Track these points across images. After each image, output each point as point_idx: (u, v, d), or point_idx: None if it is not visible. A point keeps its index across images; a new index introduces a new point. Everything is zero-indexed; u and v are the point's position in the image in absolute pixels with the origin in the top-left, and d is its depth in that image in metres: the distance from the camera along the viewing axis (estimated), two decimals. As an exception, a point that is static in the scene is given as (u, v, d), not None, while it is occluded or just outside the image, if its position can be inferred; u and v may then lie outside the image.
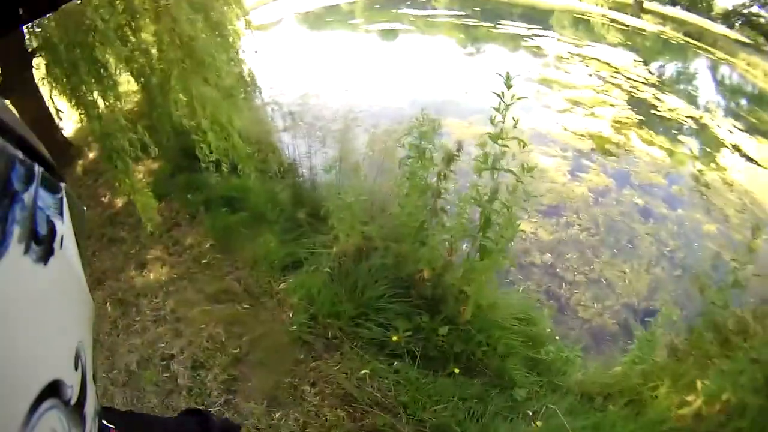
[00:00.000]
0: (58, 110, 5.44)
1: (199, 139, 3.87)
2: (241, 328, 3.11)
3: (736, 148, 9.17)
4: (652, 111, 10.08)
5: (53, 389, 0.35)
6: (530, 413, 2.54)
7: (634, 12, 20.49)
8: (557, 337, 3.59)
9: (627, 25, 18.47)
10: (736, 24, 21.05)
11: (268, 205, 4.06)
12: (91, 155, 5.83)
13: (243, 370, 2.81)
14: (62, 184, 0.44)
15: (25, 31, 4.09)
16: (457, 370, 2.61)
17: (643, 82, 11.69)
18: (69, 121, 5.81)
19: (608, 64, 12.80)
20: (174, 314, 3.38)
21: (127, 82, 5.29)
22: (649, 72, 13.02)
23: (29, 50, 4.74)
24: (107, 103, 3.68)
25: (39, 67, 5.01)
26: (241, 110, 4.81)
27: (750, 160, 8.79)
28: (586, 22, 18.95)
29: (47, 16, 3.63)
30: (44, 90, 5.12)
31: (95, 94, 3.65)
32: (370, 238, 3.05)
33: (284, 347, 2.89)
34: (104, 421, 0.55)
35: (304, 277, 3.22)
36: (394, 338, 2.64)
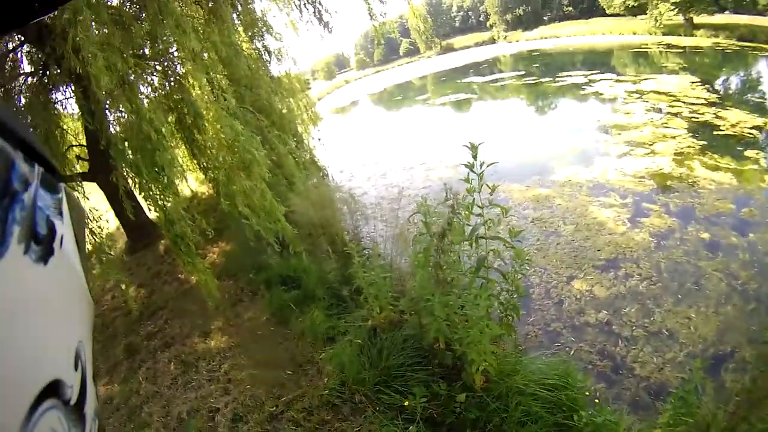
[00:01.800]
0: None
1: (248, 224, 4.49)
2: (281, 390, 3.54)
3: (809, 146, 8.12)
4: (715, 132, 9.46)
5: (53, 389, 0.36)
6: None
7: (686, 31, 19.79)
8: (597, 400, 3.41)
9: (683, 47, 17.84)
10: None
11: (319, 284, 4.52)
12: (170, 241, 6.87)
13: (276, 425, 3.20)
14: (62, 185, 0.44)
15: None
16: (470, 436, 2.68)
17: (702, 104, 11.09)
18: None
19: (666, 93, 12.39)
20: (226, 376, 3.95)
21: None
22: (708, 91, 12.33)
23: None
24: (168, 198, 4.37)
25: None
26: (303, 196, 5.45)
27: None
28: (644, 54, 18.65)
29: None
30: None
31: (156, 190, 4.37)
32: (402, 311, 3.32)
33: (315, 409, 3.22)
34: None
35: (340, 347, 3.56)
36: (406, 403, 2.81)
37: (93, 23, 3.93)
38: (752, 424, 2.22)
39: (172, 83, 5.14)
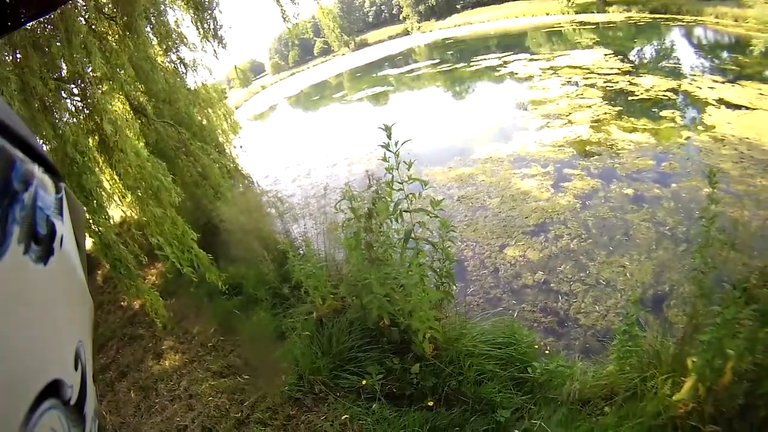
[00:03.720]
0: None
1: (161, 254, 4.36)
2: (243, 395, 3.53)
3: (720, 101, 8.89)
4: (630, 98, 10.05)
5: (53, 389, 0.35)
6: (516, 432, 2.59)
7: (599, 8, 21.05)
8: (547, 352, 3.60)
9: (596, 23, 18.90)
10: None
11: (259, 286, 4.49)
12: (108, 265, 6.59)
13: (245, 430, 3.17)
14: (62, 185, 0.44)
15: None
16: (430, 403, 2.78)
17: (617, 74, 11.80)
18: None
19: (581, 67, 13.05)
20: (187, 392, 3.88)
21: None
22: (622, 61, 13.11)
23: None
24: (100, 222, 4.19)
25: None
26: (231, 203, 5.34)
27: (737, 107, 8.47)
28: (557, 33, 19.55)
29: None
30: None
31: (88, 214, 4.11)
32: (343, 297, 3.37)
33: (279, 406, 3.22)
34: None
35: (290, 343, 3.57)
36: (364, 382, 2.86)
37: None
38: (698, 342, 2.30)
39: (91, 104, 4.91)
